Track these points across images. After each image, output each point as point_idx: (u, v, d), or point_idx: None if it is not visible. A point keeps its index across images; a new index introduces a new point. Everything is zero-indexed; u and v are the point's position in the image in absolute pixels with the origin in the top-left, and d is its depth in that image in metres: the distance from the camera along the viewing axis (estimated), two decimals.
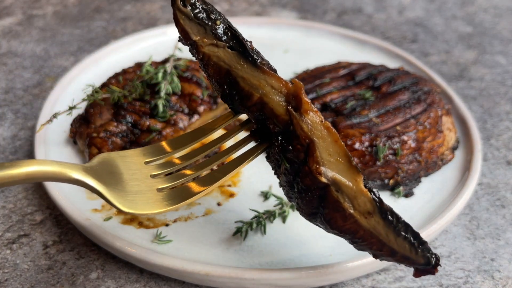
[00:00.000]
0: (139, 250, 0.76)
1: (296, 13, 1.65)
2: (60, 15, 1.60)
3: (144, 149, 0.72)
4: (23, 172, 0.56)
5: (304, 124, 0.62)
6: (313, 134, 0.62)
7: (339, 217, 0.63)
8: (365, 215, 0.62)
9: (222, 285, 0.75)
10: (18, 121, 1.13)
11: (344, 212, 0.62)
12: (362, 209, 0.62)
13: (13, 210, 0.91)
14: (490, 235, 0.89)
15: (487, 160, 1.05)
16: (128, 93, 0.99)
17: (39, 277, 0.79)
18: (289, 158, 0.64)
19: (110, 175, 0.66)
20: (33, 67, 1.33)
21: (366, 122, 0.93)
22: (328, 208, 0.63)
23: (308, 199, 0.64)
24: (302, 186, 0.64)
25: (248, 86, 0.64)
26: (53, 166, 0.59)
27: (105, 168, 0.67)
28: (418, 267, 0.64)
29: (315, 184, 0.62)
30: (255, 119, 0.66)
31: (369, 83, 1.04)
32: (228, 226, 0.84)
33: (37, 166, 0.58)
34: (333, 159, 0.62)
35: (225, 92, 0.66)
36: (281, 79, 0.64)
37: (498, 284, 0.80)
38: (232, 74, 0.65)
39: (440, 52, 1.45)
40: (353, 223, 0.63)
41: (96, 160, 0.67)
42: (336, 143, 0.63)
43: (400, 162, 0.90)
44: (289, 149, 0.63)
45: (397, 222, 0.62)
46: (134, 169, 0.69)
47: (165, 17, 1.61)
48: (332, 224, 0.64)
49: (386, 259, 0.65)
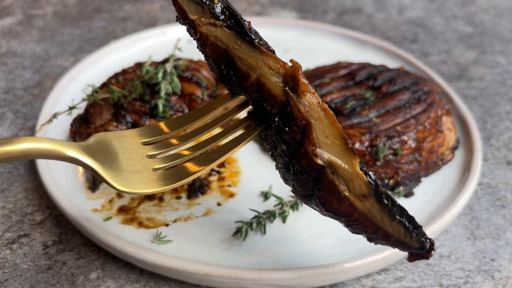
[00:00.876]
0: (139, 250, 0.76)
1: (296, 13, 1.65)
2: (60, 15, 1.60)
3: (141, 129, 0.72)
4: (19, 148, 0.56)
5: (301, 105, 0.62)
6: (310, 115, 0.62)
7: (334, 200, 0.63)
8: (360, 198, 0.62)
9: (222, 285, 0.75)
10: (18, 121, 1.13)
11: (339, 195, 0.62)
12: (358, 191, 0.62)
13: (13, 210, 0.91)
14: (490, 235, 0.89)
15: (487, 160, 1.05)
16: (128, 93, 0.99)
17: (39, 277, 0.79)
18: (285, 140, 0.63)
19: (106, 154, 0.66)
20: (33, 67, 1.33)
21: (366, 122, 0.93)
22: (323, 190, 0.63)
23: (304, 181, 0.63)
24: (298, 168, 0.63)
25: (246, 66, 0.63)
26: (49, 144, 0.59)
27: (101, 147, 0.66)
28: (412, 252, 0.64)
29: (311, 166, 0.62)
30: (253, 100, 0.65)
31: (369, 83, 1.04)
32: (228, 226, 0.84)
33: (33, 143, 0.58)
34: (329, 141, 0.62)
35: (223, 73, 0.66)
36: (279, 60, 0.63)
37: (498, 284, 0.80)
38: (229, 54, 0.64)
39: (440, 52, 1.45)
40: (348, 206, 0.62)
41: (93, 139, 0.67)
42: (333, 125, 0.62)
43: (400, 162, 0.90)
44: (285, 130, 0.63)
45: (392, 206, 0.62)
46: (131, 149, 0.69)
47: (165, 17, 1.61)
48: (327, 207, 0.64)
49: (380, 242, 0.65)
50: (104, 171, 0.64)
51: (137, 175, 0.67)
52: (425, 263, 0.83)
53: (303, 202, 0.68)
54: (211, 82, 1.07)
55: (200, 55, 1.25)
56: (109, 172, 0.64)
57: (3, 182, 0.97)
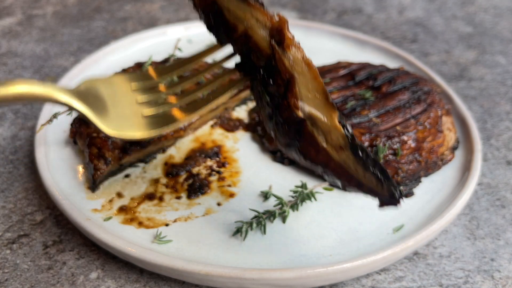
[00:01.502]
0: (139, 250, 0.76)
1: (296, 13, 1.65)
2: (60, 15, 1.60)
3: (130, 76, 0.73)
4: (12, 92, 0.57)
5: (286, 59, 0.63)
6: (294, 69, 0.63)
7: (313, 150, 0.65)
8: (337, 149, 0.64)
9: (222, 285, 0.75)
10: (18, 121, 1.13)
11: (318, 146, 0.64)
12: (335, 143, 0.64)
13: (13, 210, 0.91)
14: (490, 235, 0.89)
15: (487, 160, 1.06)
16: None
17: (39, 277, 0.79)
18: (270, 92, 0.65)
19: (97, 100, 0.67)
20: (33, 67, 1.33)
21: (366, 122, 0.93)
22: (302, 141, 0.65)
23: (285, 131, 0.66)
24: (280, 119, 0.65)
25: (233, 18, 0.64)
26: (41, 87, 0.60)
27: (92, 93, 0.68)
28: (382, 199, 0.66)
29: (292, 117, 0.64)
30: (240, 52, 0.66)
31: (369, 83, 1.04)
32: (228, 226, 0.84)
33: (25, 86, 0.59)
34: (311, 95, 0.64)
35: (211, 23, 0.66)
36: (266, 13, 0.64)
37: (498, 284, 0.80)
38: (218, 4, 0.64)
39: (440, 52, 1.45)
40: (325, 156, 0.65)
41: (84, 85, 0.67)
42: (315, 79, 0.64)
43: (400, 162, 0.90)
44: (270, 83, 0.64)
45: (367, 158, 0.64)
46: (120, 95, 0.71)
47: (165, 17, 1.61)
48: (306, 156, 0.67)
49: (353, 190, 0.67)
50: (95, 116, 0.65)
51: (127, 120, 0.68)
52: (425, 263, 0.83)
53: (284, 151, 0.71)
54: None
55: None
56: (99, 117, 0.66)
57: (3, 182, 0.97)
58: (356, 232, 0.83)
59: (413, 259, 0.84)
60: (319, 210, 0.87)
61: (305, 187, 0.87)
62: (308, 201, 0.88)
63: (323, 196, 0.90)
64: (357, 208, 0.88)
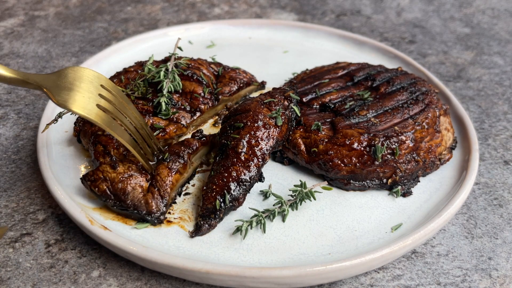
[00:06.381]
0: (140, 249, 0.77)
1: (295, 14, 1.66)
2: (62, 16, 1.61)
3: (106, 79, 0.82)
4: None
5: None
6: None
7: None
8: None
9: (222, 283, 0.76)
10: (21, 121, 1.14)
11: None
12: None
13: (15, 209, 0.92)
14: (487, 234, 0.90)
15: (485, 160, 1.06)
16: (131, 92, 1.00)
17: (41, 275, 0.80)
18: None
19: (62, 81, 0.77)
20: (35, 67, 1.34)
21: (364, 122, 0.94)
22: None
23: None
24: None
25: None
26: (15, 75, 0.74)
27: (65, 75, 0.78)
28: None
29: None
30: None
31: (367, 84, 1.05)
32: (228, 224, 0.85)
33: (1, 70, 0.73)
34: None
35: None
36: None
37: (496, 283, 0.81)
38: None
39: (438, 53, 1.46)
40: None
41: (61, 71, 0.78)
42: None
43: (398, 161, 0.91)
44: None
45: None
46: (88, 82, 0.79)
47: (165, 19, 1.62)
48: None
49: None
50: (49, 87, 0.75)
51: (80, 100, 0.76)
52: (423, 262, 0.84)
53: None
54: (211, 80, 1.08)
55: (200, 54, 1.26)
56: (54, 90, 0.75)
57: (6, 181, 0.98)
58: (355, 231, 0.84)
59: (411, 257, 0.85)
60: (318, 209, 0.88)
61: (305, 186, 0.88)
62: (307, 200, 0.89)
63: (322, 195, 0.91)
64: (356, 207, 0.89)
